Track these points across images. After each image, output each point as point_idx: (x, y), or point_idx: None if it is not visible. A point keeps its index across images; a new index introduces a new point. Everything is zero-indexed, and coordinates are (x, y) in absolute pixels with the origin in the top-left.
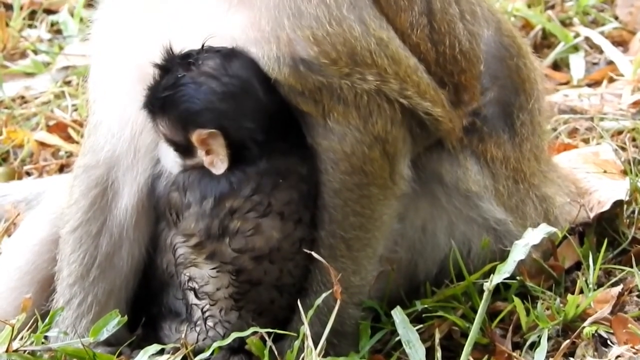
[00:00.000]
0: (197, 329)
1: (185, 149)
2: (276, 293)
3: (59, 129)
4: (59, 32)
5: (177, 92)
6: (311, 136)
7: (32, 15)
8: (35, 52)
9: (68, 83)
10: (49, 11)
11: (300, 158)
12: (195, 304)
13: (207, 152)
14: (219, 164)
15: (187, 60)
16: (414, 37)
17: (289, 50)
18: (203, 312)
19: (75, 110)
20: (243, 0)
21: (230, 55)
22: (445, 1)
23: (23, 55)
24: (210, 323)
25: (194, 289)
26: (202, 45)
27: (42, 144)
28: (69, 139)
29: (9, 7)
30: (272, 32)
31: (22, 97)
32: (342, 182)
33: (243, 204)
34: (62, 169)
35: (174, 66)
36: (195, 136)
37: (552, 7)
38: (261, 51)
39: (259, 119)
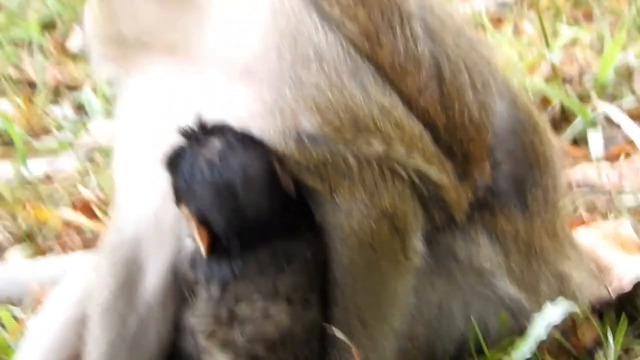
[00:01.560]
0: None
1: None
2: None
3: (84, 207)
4: (82, 109)
5: (179, 161)
6: (319, 214)
7: (56, 92)
8: (60, 129)
9: (92, 161)
10: (72, 88)
11: (306, 239)
12: None
13: (195, 229)
14: (201, 247)
15: (196, 133)
16: (422, 101)
17: (293, 122)
18: None
19: (101, 188)
20: (245, 75)
21: (236, 141)
22: (455, 67)
23: (47, 132)
24: None
25: None
26: (216, 124)
27: (67, 223)
28: (93, 217)
29: (33, 86)
30: (274, 104)
31: (47, 176)
32: (351, 259)
33: (249, 288)
34: (86, 246)
35: (192, 135)
36: (182, 210)
37: (570, 81)
38: (265, 125)
39: (236, 219)
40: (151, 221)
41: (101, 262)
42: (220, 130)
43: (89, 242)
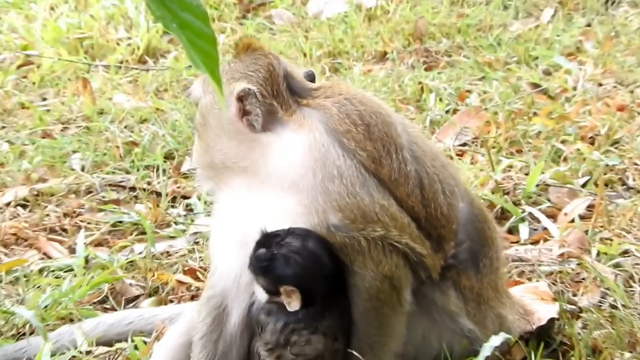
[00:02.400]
0: None
1: (272, 292)
2: None
3: (191, 272)
4: (190, 210)
5: (273, 263)
6: (347, 277)
7: (174, 199)
8: (176, 223)
9: (197, 243)
10: (184, 197)
11: (341, 297)
12: None
13: (287, 297)
14: (293, 305)
15: (277, 240)
16: (410, 202)
17: (324, 217)
18: None
19: (202, 260)
20: (292, 187)
21: (305, 236)
22: (432, 179)
23: (168, 225)
24: None
25: None
26: (289, 229)
27: (180, 282)
28: (197, 279)
29: (159, 195)
30: (311, 206)
31: (167, 252)
32: (364, 307)
33: (301, 326)
34: (192, 298)
35: (269, 243)
36: (283, 289)
37: (508, 193)
38: (306, 220)
39: (323, 281)
40: (233, 282)
41: (201, 307)
42: (284, 234)
43: (194, 296)
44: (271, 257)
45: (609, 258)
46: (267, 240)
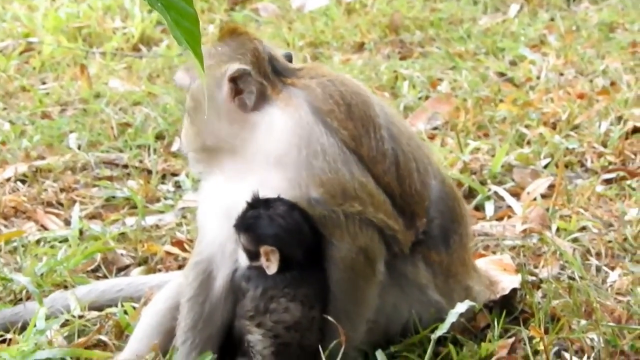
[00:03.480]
0: None
1: (253, 255)
2: (300, 350)
3: (179, 244)
4: (179, 186)
5: (257, 221)
6: (325, 248)
7: (164, 176)
8: (165, 198)
9: (185, 217)
10: (173, 174)
11: (318, 267)
12: (252, 355)
13: (267, 259)
14: (271, 268)
15: (266, 203)
16: (386, 179)
17: (306, 191)
18: None
19: (189, 233)
20: (278, 164)
21: (292, 205)
22: (407, 157)
23: (157, 201)
24: None
25: (251, 347)
26: (279, 195)
27: (168, 253)
28: (184, 250)
29: (150, 172)
30: (295, 180)
31: (157, 225)
32: (340, 276)
33: (279, 293)
34: (179, 267)
35: (258, 204)
36: (263, 249)
37: (475, 173)
38: (290, 194)
39: (302, 248)
40: (218, 249)
41: (189, 272)
42: (273, 200)
43: (181, 266)
44: (257, 216)
45: (567, 233)
46: (257, 202)
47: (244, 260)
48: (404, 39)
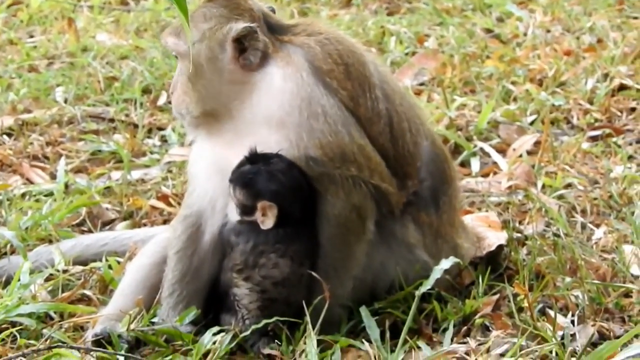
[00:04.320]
0: (240, 323)
1: (248, 210)
2: (286, 306)
3: (164, 199)
4: (165, 141)
5: (257, 177)
6: (318, 204)
7: (150, 131)
8: (151, 152)
9: (170, 171)
10: (159, 128)
11: (309, 225)
12: (238, 310)
13: (263, 215)
14: (267, 223)
15: (265, 158)
16: (381, 140)
17: (305, 152)
18: (243, 316)
19: (174, 187)
20: (279, 125)
21: (290, 162)
22: (400, 118)
23: (144, 155)
24: (247, 322)
25: (237, 301)
26: (277, 152)
27: (153, 207)
28: (169, 204)
29: (136, 126)
30: (295, 142)
31: (142, 180)
32: (331, 232)
33: (269, 248)
34: (164, 222)
35: (256, 160)
36: (261, 204)
37: (461, 129)
38: (290, 153)
39: (300, 202)
40: (209, 204)
41: (177, 225)
42: (271, 155)
43: (167, 220)
44: (257, 171)
45: (553, 190)
46: (255, 157)
47: (234, 215)
48: None
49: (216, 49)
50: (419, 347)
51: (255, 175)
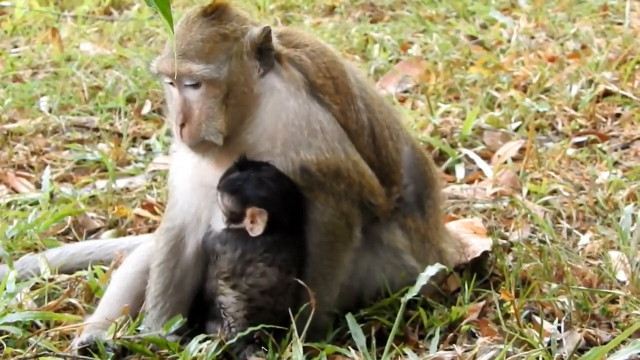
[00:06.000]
0: (225, 330)
1: (236, 217)
2: (272, 315)
3: (149, 207)
4: (150, 150)
5: (246, 184)
6: (306, 211)
7: (134, 140)
8: (136, 161)
9: (155, 180)
10: (144, 137)
11: (297, 234)
12: (224, 317)
13: (252, 222)
14: (256, 230)
15: (257, 166)
16: (366, 151)
17: (301, 166)
18: (229, 324)
19: (159, 196)
20: (280, 143)
21: (278, 170)
22: (381, 126)
23: (128, 164)
24: (233, 330)
25: (223, 309)
26: (267, 162)
27: (138, 216)
28: (154, 213)
29: (120, 135)
30: (291, 158)
31: (127, 188)
32: (320, 239)
33: (257, 257)
34: (150, 230)
35: (247, 167)
36: (250, 211)
37: (445, 136)
38: (284, 167)
39: (289, 209)
40: (193, 215)
41: (159, 237)
42: (260, 163)
43: (152, 229)
44: (246, 178)
45: (538, 197)
46: (244, 164)
47: (220, 223)
48: (374, 2)
49: (246, 62)
50: (405, 354)
51: (245, 182)
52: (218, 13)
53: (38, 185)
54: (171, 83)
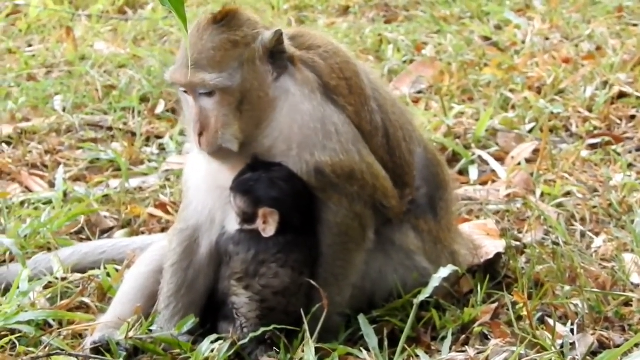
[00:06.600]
0: (238, 331)
1: (248, 218)
2: (285, 315)
3: (162, 206)
4: (163, 149)
5: (258, 184)
6: (319, 212)
7: (148, 139)
8: (149, 161)
9: (168, 180)
10: (157, 137)
11: (310, 234)
12: (236, 318)
13: (264, 222)
14: (269, 230)
15: (269, 167)
16: (380, 152)
17: (315, 167)
18: (241, 324)
19: (172, 195)
20: (295, 146)
21: (291, 171)
22: (395, 128)
23: (141, 163)
24: (245, 330)
25: (235, 309)
26: (280, 162)
27: (151, 215)
28: (167, 212)
29: (134, 134)
30: (306, 160)
31: (140, 188)
32: (333, 240)
33: (270, 257)
34: (162, 230)
35: (259, 168)
36: (262, 212)
37: (459, 137)
38: (298, 168)
39: (301, 210)
40: (207, 216)
41: (173, 238)
42: (272, 164)
43: (165, 228)
44: (257, 178)
45: (552, 198)
46: (257, 165)
47: (233, 225)
48: (388, 3)
49: (259, 67)
50: (417, 356)
51: (256, 183)
52: (228, 19)
53: (51, 184)
54: (185, 91)
